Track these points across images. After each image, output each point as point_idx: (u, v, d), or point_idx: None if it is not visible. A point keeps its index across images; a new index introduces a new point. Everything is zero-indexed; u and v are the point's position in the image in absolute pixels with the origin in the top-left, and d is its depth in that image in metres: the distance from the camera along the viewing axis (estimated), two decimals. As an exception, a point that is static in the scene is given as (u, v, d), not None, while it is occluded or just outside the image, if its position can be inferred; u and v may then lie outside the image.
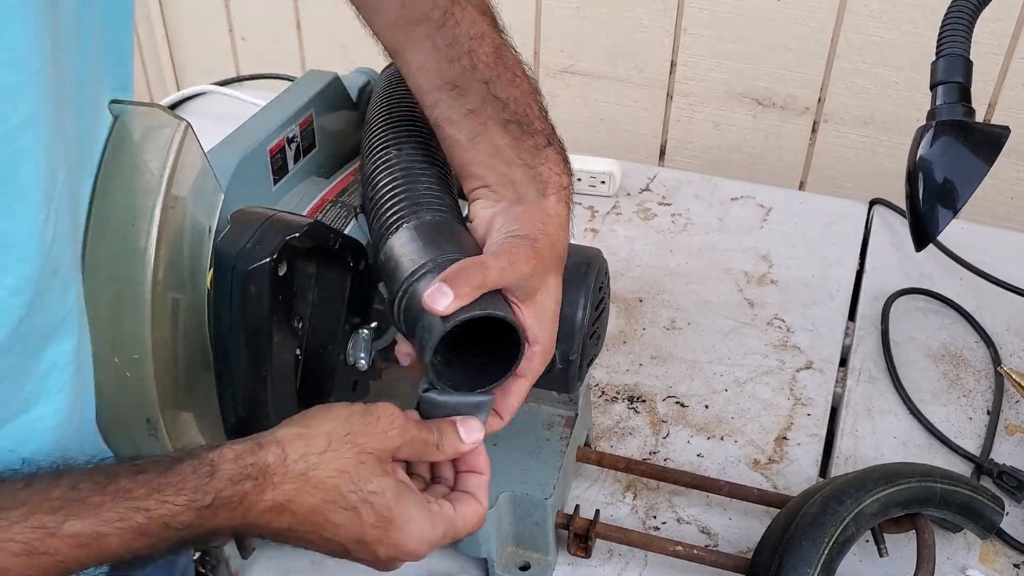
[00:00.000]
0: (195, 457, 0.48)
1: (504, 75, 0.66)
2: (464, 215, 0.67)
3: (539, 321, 0.61)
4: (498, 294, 0.59)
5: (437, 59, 0.66)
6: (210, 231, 0.57)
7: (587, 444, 0.84)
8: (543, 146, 0.65)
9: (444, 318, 0.55)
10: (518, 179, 0.64)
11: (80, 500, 0.45)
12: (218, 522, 0.48)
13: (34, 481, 0.45)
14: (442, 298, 0.55)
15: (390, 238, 0.63)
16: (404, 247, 0.61)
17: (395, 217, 0.64)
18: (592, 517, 0.75)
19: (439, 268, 0.59)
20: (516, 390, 0.62)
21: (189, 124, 0.53)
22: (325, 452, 0.52)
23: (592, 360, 0.76)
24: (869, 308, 1.02)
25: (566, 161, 0.66)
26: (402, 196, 0.65)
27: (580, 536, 0.75)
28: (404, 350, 0.63)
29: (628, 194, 1.19)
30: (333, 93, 0.86)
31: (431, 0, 0.66)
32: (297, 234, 0.58)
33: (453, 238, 0.62)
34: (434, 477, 0.61)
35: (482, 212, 0.65)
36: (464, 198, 0.68)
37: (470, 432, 0.59)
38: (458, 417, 0.60)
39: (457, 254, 0.60)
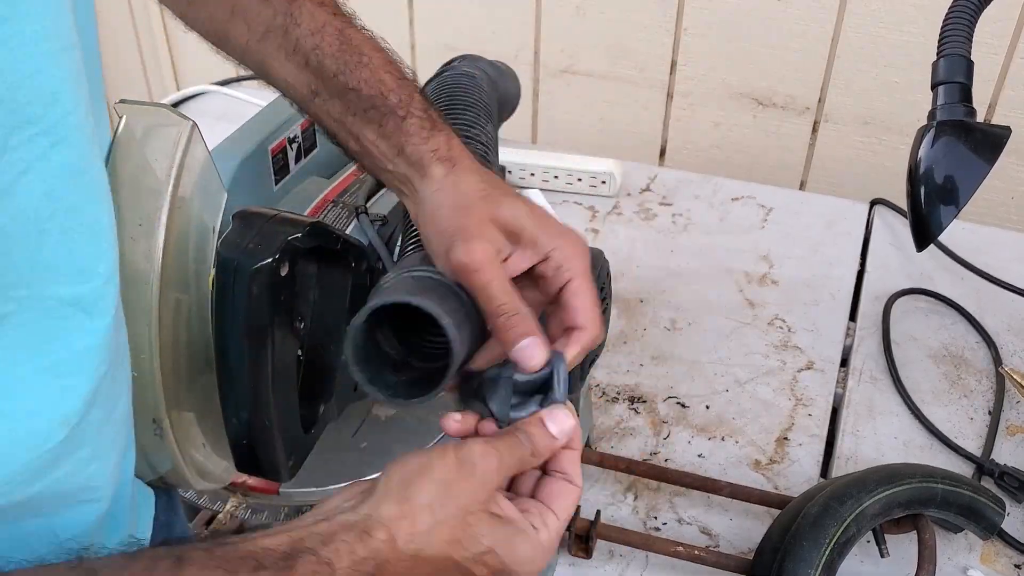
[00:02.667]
0: (311, 552, 0.45)
1: (351, 59, 0.64)
2: None
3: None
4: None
5: (294, 68, 0.65)
6: (214, 231, 0.57)
7: (588, 445, 0.84)
8: (401, 120, 0.63)
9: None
10: (403, 172, 0.64)
11: None
12: None
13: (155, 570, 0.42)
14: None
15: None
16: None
17: None
18: (593, 518, 0.75)
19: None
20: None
21: (195, 124, 0.53)
22: (432, 528, 0.49)
23: (593, 360, 0.76)
24: (870, 308, 1.02)
25: (433, 122, 0.64)
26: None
27: (581, 537, 0.75)
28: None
29: (628, 194, 1.19)
30: (334, 93, 0.86)
31: (271, 9, 0.65)
32: (299, 234, 0.58)
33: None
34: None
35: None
36: None
37: (560, 424, 0.55)
38: (543, 412, 0.55)
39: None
